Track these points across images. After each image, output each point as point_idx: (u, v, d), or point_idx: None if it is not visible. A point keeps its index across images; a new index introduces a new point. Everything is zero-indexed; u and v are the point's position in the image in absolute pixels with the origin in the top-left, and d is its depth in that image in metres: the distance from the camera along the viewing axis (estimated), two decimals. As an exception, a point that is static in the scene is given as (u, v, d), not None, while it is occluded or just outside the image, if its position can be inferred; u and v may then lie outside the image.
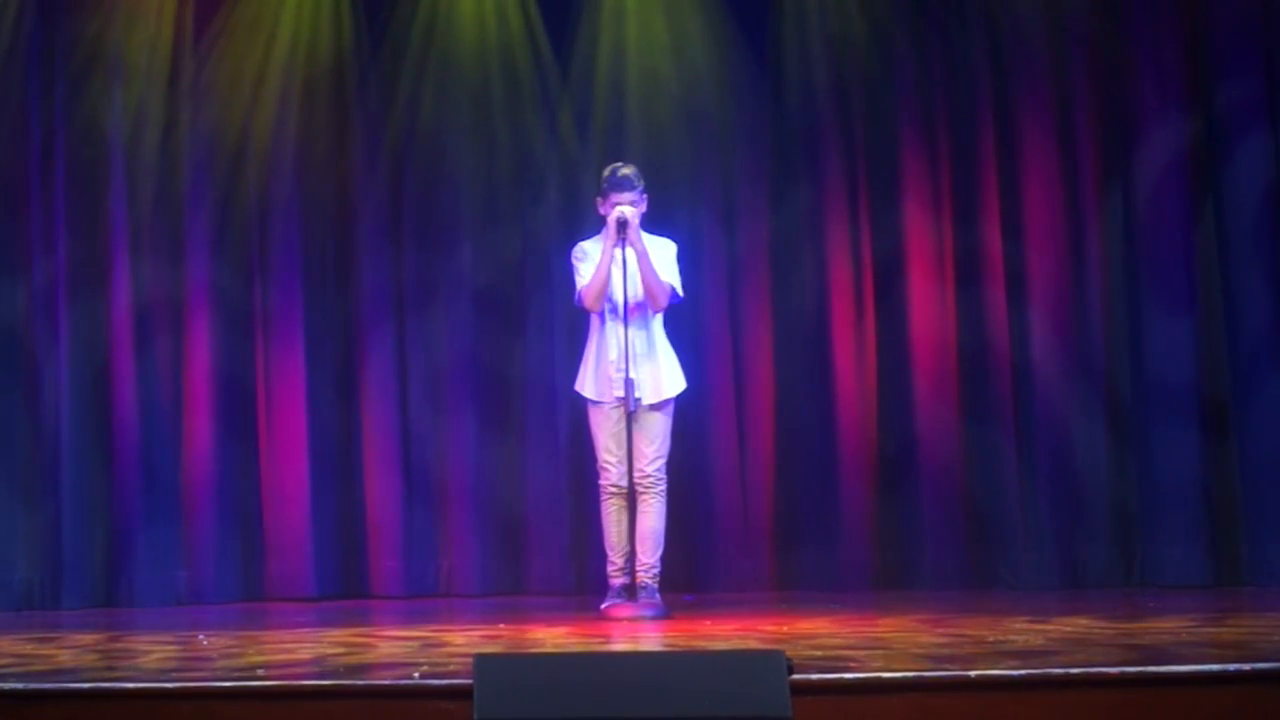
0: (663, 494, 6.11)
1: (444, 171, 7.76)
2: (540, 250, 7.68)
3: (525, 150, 7.77)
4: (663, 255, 6.18)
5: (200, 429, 7.40)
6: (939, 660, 4.00)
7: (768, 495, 7.51)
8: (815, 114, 7.63)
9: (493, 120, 7.78)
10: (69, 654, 4.79)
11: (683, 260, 6.30)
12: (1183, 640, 4.56)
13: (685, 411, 6.61)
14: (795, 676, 3.37)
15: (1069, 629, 4.94)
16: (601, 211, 6.19)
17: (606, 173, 6.21)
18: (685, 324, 7.02)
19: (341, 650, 4.71)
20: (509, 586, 7.53)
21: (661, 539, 6.11)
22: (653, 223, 6.31)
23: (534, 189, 7.76)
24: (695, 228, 7.48)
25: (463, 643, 4.90)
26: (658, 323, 6.20)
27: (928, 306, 7.44)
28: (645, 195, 6.19)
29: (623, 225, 6.01)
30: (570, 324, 7.07)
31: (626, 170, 6.16)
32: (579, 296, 6.19)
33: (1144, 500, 7.21)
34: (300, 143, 7.69)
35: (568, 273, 6.34)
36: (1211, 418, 7.18)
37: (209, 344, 7.47)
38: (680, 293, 6.22)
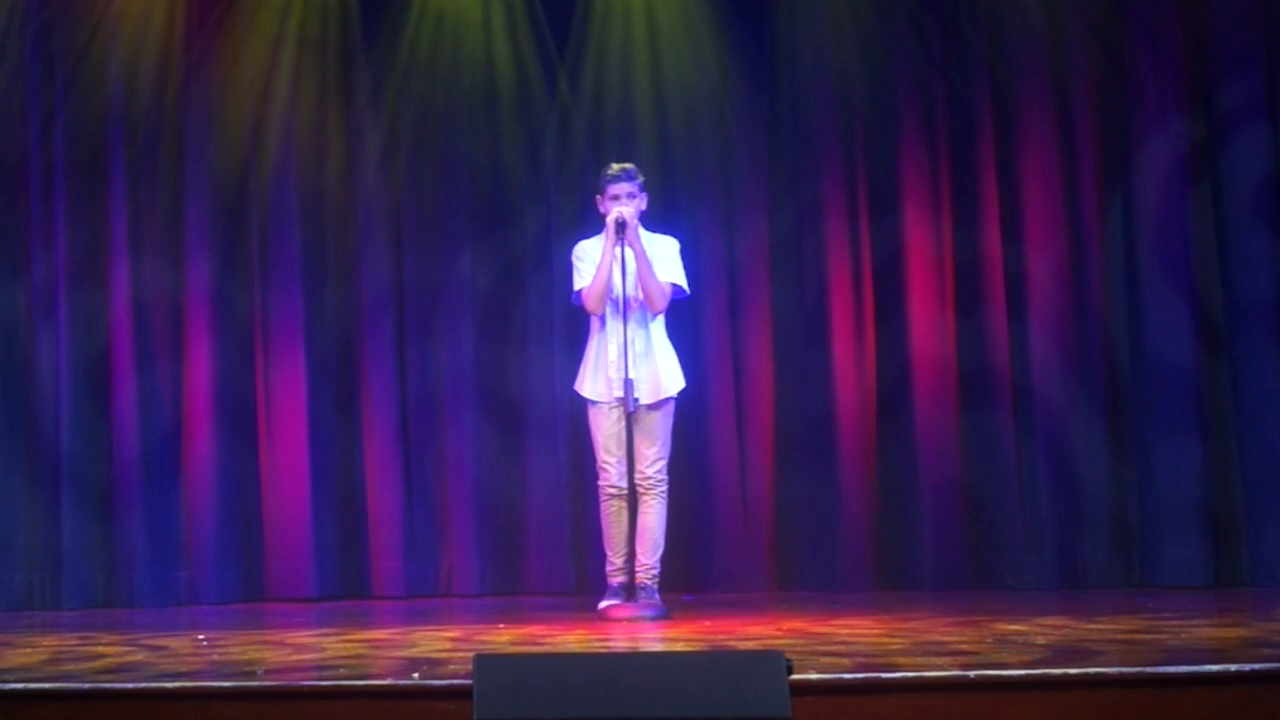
0: (663, 495, 6.10)
1: (445, 173, 7.76)
2: (541, 251, 7.69)
3: (526, 153, 7.78)
4: (666, 252, 6.17)
5: (200, 429, 7.40)
6: (938, 660, 3.99)
7: (768, 495, 7.51)
8: (815, 115, 7.63)
9: (494, 122, 7.78)
10: (69, 654, 4.79)
11: (685, 257, 6.30)
12: (1183, 640, 4.56)
13: (685, 411, 6.60)
14: (795, 676, 3.37)
15: (1069, 629, 4.94)
16: (601, 210, 6.19)
17: (604, 169, 6.22)
18: (685, 324, 7.02)
19: (341, 650, 4.71)
20: (509, 586, 7.54)
21: (661, 540, 6.10)
22: (654, 222, 6.31)
23: (535, 191, 7.77)
24: (695, 228, 7.47)
25: (463, 643, 4.90)
26: (658, 321, 6.19)
27: (928, 306, 7.44)
28: (645, 193, 6.19)
29: (621, 227, 6.00)
30: (570, 324, 7.07)
31: (625, 165, 6.17)
32: (578, 297, 6.18)
33: (1144, 500, 7.22)
34: (300, 141, 7.68)
35: (566, 272, 6.33)
36: (1212, 417, 7.18)
37: (209, 344, 7.46)
38: (686, 289, 6.22)
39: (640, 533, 5.99)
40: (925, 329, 7.43)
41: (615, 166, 6.16)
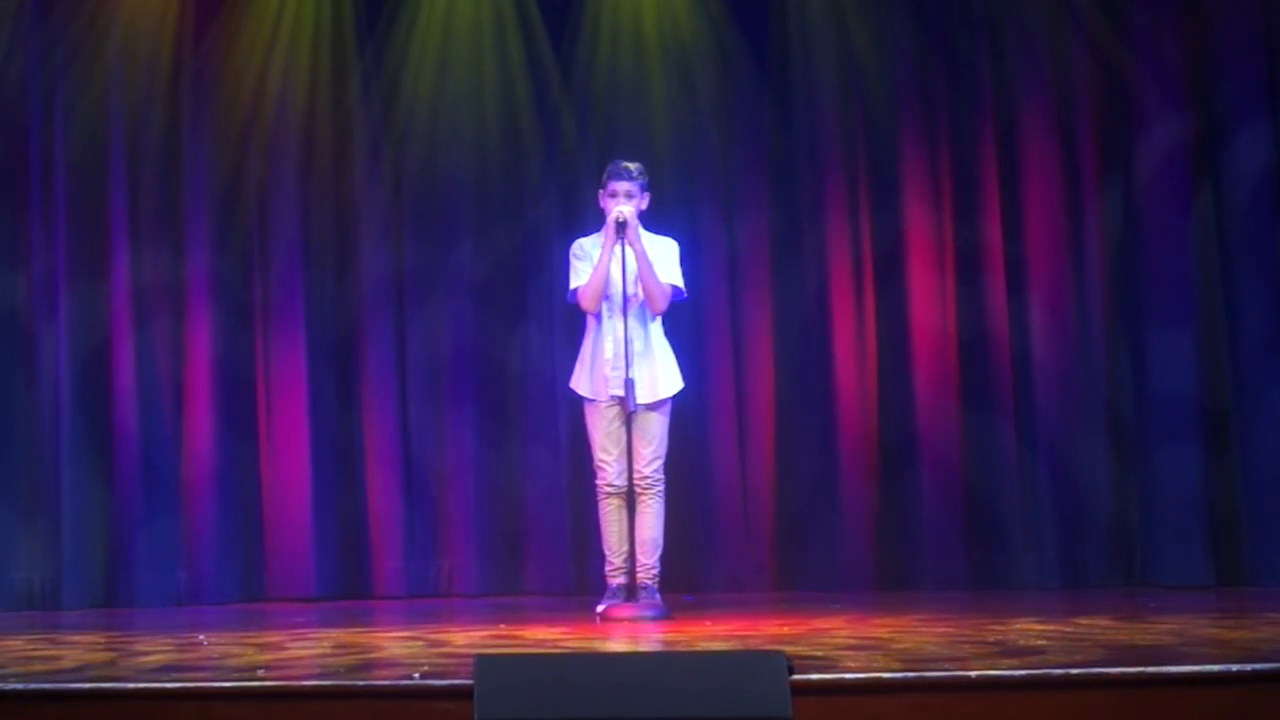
0: (661, 495, 6.09)
1: (444, 168, 7.78)
2: (539, 247, 7.72)
3: (525, 146, 7.80)
4: (665, 254, 6.16)
5: (201, 429, 7.41)
6: (939, 660, 3.99)
7: (768, 495, 7.52)
8: (816, 112, 7.65)
9: (492, 116, 7.79)
10: (69, 654, 4.79)
11: (684, 259, 6.29)
12: (1183, 640, 4.56)
13: (685, 411, 6.60)
14: (795, 676, 3.37)
15: (1069, 629, 4.93)
16: (602, 205, 6.18)
17: (610, 164, 6.21)
18: (685, 324, 7.03)
19: (342, 650, 4.71)
20: (509, 586, 7.55)
21: (660, 540, 6.10)
22: (652, 222, 6.31)
23: (533, 185, 7.78)
24: (695, 227, 7.49)
25: (463, 643, 4.90)
26: (657, 322, 6.18)
27: (928, 306, 7.45)
28: (647, 193, 6.18)
29: (622, 226, 6.00)
30: (570, 322, 7.07)
31: (630, 164, 6.16)
32: (574, 294, 6.17)
33: (1144, 500, 7.22)
34: (300, 136, 7.70)
35: (564, 267, 6.33)
36: (1213, 418, 7.18)
37: (209, 346, 7.48)
38: (684, 291, 6.21)
39: (639, 533, 5.99)
40: (926, 330, 7.43)
41: (621, 164, 6.16)
